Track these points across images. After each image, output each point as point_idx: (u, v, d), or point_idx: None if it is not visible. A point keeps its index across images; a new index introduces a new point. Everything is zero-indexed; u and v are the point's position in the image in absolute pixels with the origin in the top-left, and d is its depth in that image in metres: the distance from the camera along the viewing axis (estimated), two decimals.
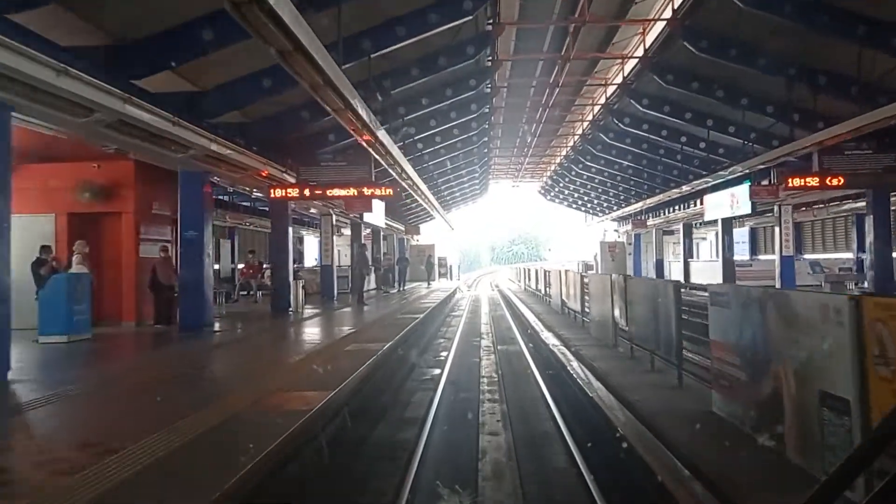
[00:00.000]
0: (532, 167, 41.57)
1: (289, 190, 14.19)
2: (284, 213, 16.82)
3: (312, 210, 23.15)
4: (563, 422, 7.39)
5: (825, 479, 1.03)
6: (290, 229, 17.01)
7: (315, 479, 5.54)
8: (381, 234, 31.86)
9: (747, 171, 19.76)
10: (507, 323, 20.04)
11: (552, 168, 38.18)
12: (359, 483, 5.80)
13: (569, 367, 9.71)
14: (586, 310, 14.59)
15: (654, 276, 34.01)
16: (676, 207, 31.74)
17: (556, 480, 5.91)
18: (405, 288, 28.71)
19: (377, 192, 14.15)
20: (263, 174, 14.26)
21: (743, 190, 20.41)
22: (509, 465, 6.17)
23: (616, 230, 45.37)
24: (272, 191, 14.21)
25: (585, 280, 14.85)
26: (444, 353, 13.30)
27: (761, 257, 34.81)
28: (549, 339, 13.63)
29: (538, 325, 16.70)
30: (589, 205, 44.38)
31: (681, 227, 31.87)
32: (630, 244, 43.37)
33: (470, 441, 6.91)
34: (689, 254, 31.63)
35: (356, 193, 14.07)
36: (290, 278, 16.84)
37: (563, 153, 32.13)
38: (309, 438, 5.62)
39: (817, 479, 1.63)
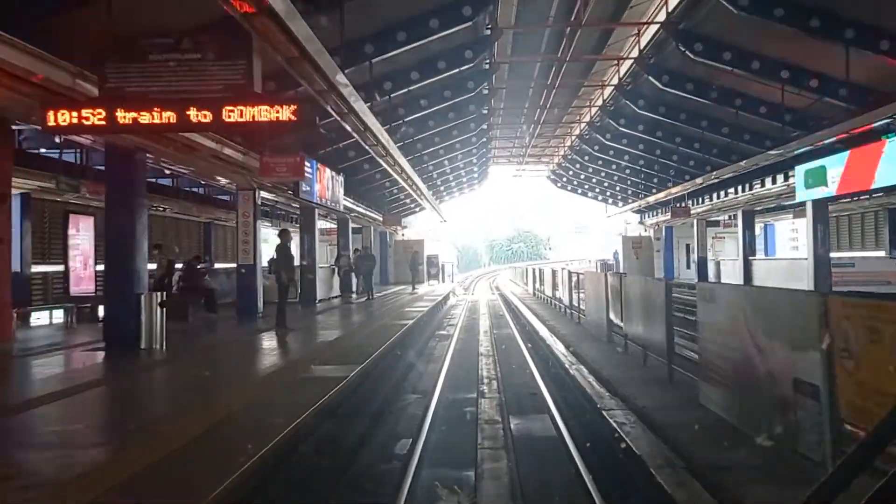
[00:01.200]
0: (539, 150, 34.19)
1: (84, 112, 6.88)
2: (132, 175, 9.48)
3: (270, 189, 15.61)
4: None
5: (825, 478, 1.00)
6: (142, 202, 9.66)
7: None
8: (350, 224, 24.55)
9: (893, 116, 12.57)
10: (519, 356, 12.59)
11: (567, 144, 30.75)
12: None
13: None
14: (685, 350, 7.41)
15: (697, 279, 26.81)
16: (731, 191, 24.44)
17: None
18: (374, 296, 21.33)
19: (264, 111, 6.74)
20: (35, 80, 6.98)
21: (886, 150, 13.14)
22: None
23: (641, 223, 38.05)
24: (51, 115, 6.91)
25: (680, 296, 7.57)
26: (399, 456, 6.06)
27: (833, 255, 27.49)
28: (627, 424, 6.35)
29: (580, 373, 9.38)
30: (610, 191, 36.82)
31: (739, 214, 24.56)
32: (658, 239, 36.22)
33: None
34: (750, 250, 24.30)
35: (217, 115, 6.76)
36: (141, 290, 9.53)
37: (587, 118, 24.72)
38: None
39: None
